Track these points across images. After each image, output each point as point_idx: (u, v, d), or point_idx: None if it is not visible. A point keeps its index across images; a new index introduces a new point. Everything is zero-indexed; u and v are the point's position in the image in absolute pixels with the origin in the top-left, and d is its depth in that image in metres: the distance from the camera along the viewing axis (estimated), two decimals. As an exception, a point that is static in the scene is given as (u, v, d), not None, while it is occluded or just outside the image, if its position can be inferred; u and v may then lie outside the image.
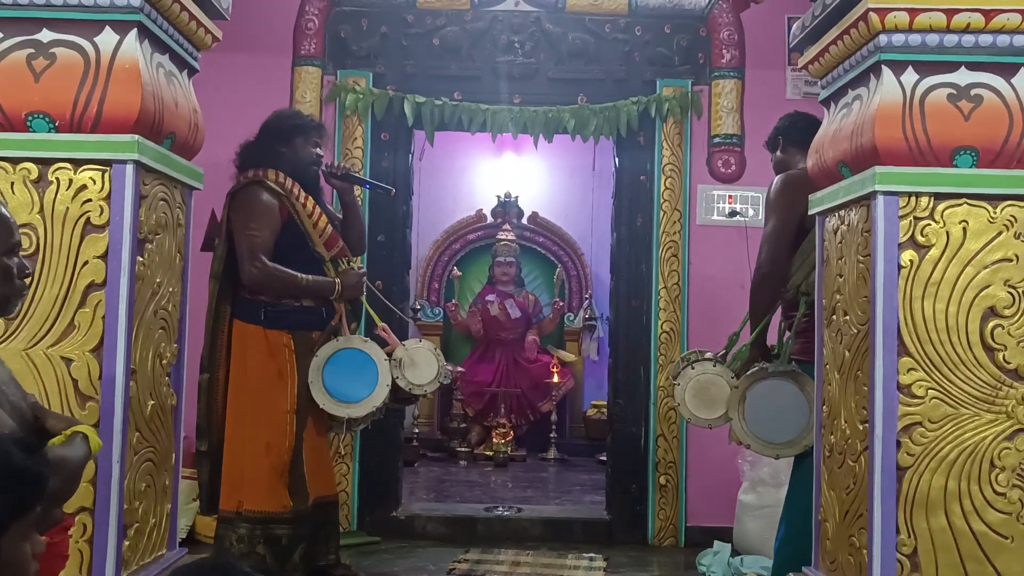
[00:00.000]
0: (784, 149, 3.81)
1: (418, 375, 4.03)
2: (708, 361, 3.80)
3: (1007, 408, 2.62)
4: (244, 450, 3.89)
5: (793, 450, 3.57)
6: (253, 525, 3.84)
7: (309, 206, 3.97)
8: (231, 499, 3.88)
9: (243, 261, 3.88)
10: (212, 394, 3.95)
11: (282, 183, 3.94)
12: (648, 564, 4.83)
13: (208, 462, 3.96)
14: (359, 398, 3.96)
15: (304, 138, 4.05)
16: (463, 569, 4.55)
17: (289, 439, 3.89)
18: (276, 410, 3.90)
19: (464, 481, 6.78)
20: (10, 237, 2.14)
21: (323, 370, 3.93)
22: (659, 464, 5.14)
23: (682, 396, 3.71)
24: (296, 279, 3.91)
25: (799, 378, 3.52)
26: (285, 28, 5.20)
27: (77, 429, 2.15)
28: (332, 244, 4.03)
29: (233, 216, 3.94)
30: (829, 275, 3.06)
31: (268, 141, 4.03)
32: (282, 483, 3.86)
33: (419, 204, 6.67)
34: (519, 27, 5.26)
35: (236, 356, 3.97)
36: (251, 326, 3.94)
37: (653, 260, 5.21)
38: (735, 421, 3.59)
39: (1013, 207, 2.64)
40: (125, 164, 2.69)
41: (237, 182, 3.99)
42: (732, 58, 5.24)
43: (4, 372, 2.20)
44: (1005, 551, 2.60)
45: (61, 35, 2.72)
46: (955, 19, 2.64)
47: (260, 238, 3.87)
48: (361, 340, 4.04)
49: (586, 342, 8.32)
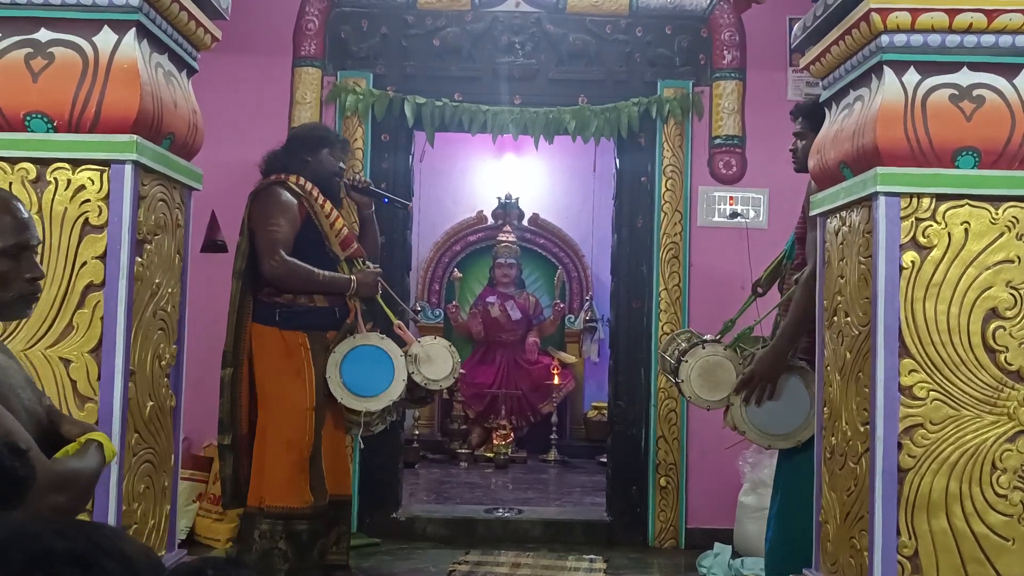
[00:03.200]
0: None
1: (434, 371, 4.12)
2: (718, 343, 3.78)
3: (1009, 410, 2.61)
4: (265, 447, 3.98)
5: (785, 443, 3.59)
6: (275, 520, 3.92)
7: (327, 208, 4.09)
8: (253, 496, 3.99)
9: (263, 255, 3.97)
10: (235, 389, 4.04)
11: (302, 185, 4.07)
12: (648, 566, 4.82)
13: (231, 456, 4.03)
14: (376, 392, 4.04)
15: (330, 149, 4.20)
16: (463, 571, 4.54)
17: (309, 435, 3.98)
18: (295, 407, 3.98)
19: (464, 483, 6.78)
20: (11, 236, 2.08)
21: (341, 365, 4.02)
22: (660, 466, 5.13)
23: (689, 374, 3.69)
24: (314, 274, 3.99)
25: (806, 375, 3.53)
26: (285, 29, 5.19)
27: (92, 436, 2.11)
28: (347, 244, 4.13)
29: (254, 214, 4.04)
30: (830, 276, 3.06)
31: (294, 149, 4.16)
32: (304, 479, 3.95)
33: (419, 205, 6.68)
34: (520, 28, 5.25)
35: (255, 357, 4.06)
36: (267, 328, 4.03)
37: (654, 262, 5.20)
38: (735, 407, 3.59)
39: (1015, 208, 2.63)
40: (124, 164, 2.68)
41: (258, 183, 4.12)
42: (733, 59, 5.23)
43: (20, 374, 2.15)
44: (1006, 553, 2.59)
45: (59, 35, 2.71)
46: (957, 19, 2.63)
47: (280, 233, 3.97)
48: (378, 337, 4.11)
49: (587, 344, 8.31)
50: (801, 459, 3.61)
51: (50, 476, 1.92)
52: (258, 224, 4.02)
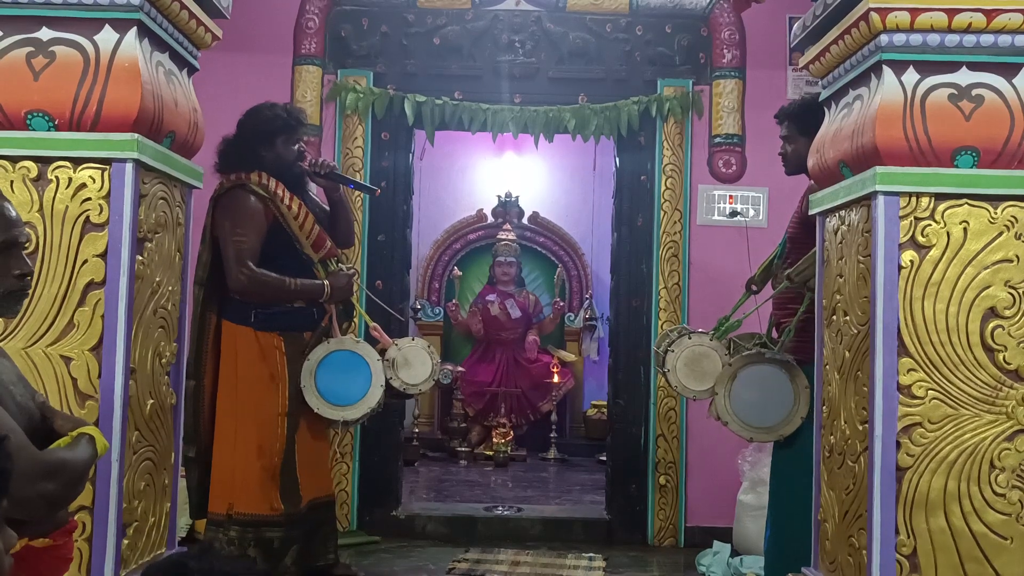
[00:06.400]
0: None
1: (412, 375, 4.00)
2: (705, 334, 3.82)
3: (1007, 409, 2.62)
4: (236, 452, 3.86)
5: (767, 436, 3.65)
6: (244, 527, 3.82)
7: (295, 208, 3.92)
8: (221, 501, 3.86)
9: (230, 268, 3.83)
10: (198, 400, 3.90)
11: (266, 185, 3.88)
12: (648, 564, 4.82)
13: (197, 467, 3.92)
14: (353, 400, 3.93)
15: (286, 136, 3.97)
16: (463, 568, 4.54)
17: (280, 442, 3.87)
18: (267, 413, 3.87)
19: (464, 481, 6.78)
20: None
21: (316, 373, 3.90)
22: (659, 464, 5.14)
23: (674, 363, 3.74)
24: (284, 284, 3.86)
25: (792, 370, 3.57)
26: (286, 27, 5.19)
27: (84, 430, 2.12)
28: (320, 246, 3.98)
29: (218, 221, 3.89)
30: (829, 275, 3.06)
31: (248, 143, 3.94)
32: (274, 486, 3.85)
33: (420, 204, 6.67)
34: (520, 26, 5.25)
35: (226, 358, 3.92)
36: (242, 328, 3.90)
37: (653, 260, 5.20)
38: (720, 397, 3.64)
39: (1014, 207, 2.64)
40: (125, 163, 2.69)
41: (220, 185, 3.93)
42: (733, 58, 5.23)
43: (12, 371, 2.17)
44: (1004, 552, 2.60)
45: (60, 33, 2.72)
46: (956, 19, 2.64)
47: (247, 243, 3.83)
48: (353, 341, 4.01)
49: (586, 342, 8.32)
50: (786, 456, 3.65)
51: (38, 464, 1.94)
52: (223, 234, 3.85)
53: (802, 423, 3.55)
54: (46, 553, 2.09)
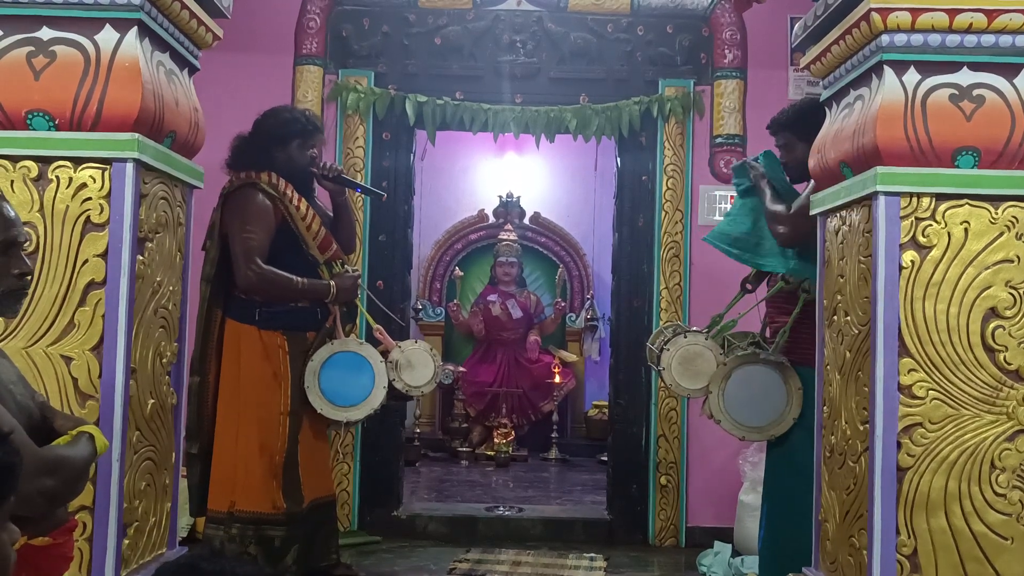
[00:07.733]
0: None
1: (415, 376, 4.04)
2: (699, 333, 3.84)
3: (1008, 409, 2.61)
4: (238, 451, 3.87)
5: (759, 436, 3.71)
6: (245, 525, 3.83)
7: (303, 209, 3.94)
8: (222, 499, 3.87)
9: (239, 265, 3.86)
10: (203, 397, 3.92)
11: (276, 184, 3.91)
12: (649, 564, 4.82)
13: (199, 464, 3.93)
14: (356, 401, 3.96)
15: (302, 141, 4.00)
16: (464, 569, 4.54)
17: (282, 441, 3.88)
18: (270, 412, 3.88)
19: (465, 481, 6.78)
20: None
21: (319, 374, 3.92)
22: (660, 464, 5.14)
23: (669, 362, 3.78)
24: (291, 282, 3.88)
25: (786, 371, 3.59)
26: (287, 27, 5.20)
27: (83, 429, 2.13)
28: (326, 247, 4.00)
29: (227, 218, 3.91)
30: (830, 275, 3.06)
31: (264, 143, 3.97)
32: (276, 484, 3.85)
33: (421, 204, 6.68)
34: (521, 26, 5.25)
35: (229, 356, 3.93)
36: (245, 326, 3.91)
37: (655, 260, 5.20)
38: (713, 395, 3.69)
39: (1015, 208, 2.64)
40: (125, 162, 2.69)
41: (230, 182, 3.96)
42: (734, 58, 5.23)
43: (12, 371, 2.17)
44: (1005, 552, 2.59)
45: (61, 33, 2.72)
46: (957, 19, 2.64)
47: (256, 241, 3.85)
48: (356, 342, 4.04)
49: (588, 342, 8.32)
50: (777, 455, 3.67)
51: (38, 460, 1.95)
52: (232, 231, 3.88)
53: (793, 423, 3.59)
54: (46, 552, 2.09)
